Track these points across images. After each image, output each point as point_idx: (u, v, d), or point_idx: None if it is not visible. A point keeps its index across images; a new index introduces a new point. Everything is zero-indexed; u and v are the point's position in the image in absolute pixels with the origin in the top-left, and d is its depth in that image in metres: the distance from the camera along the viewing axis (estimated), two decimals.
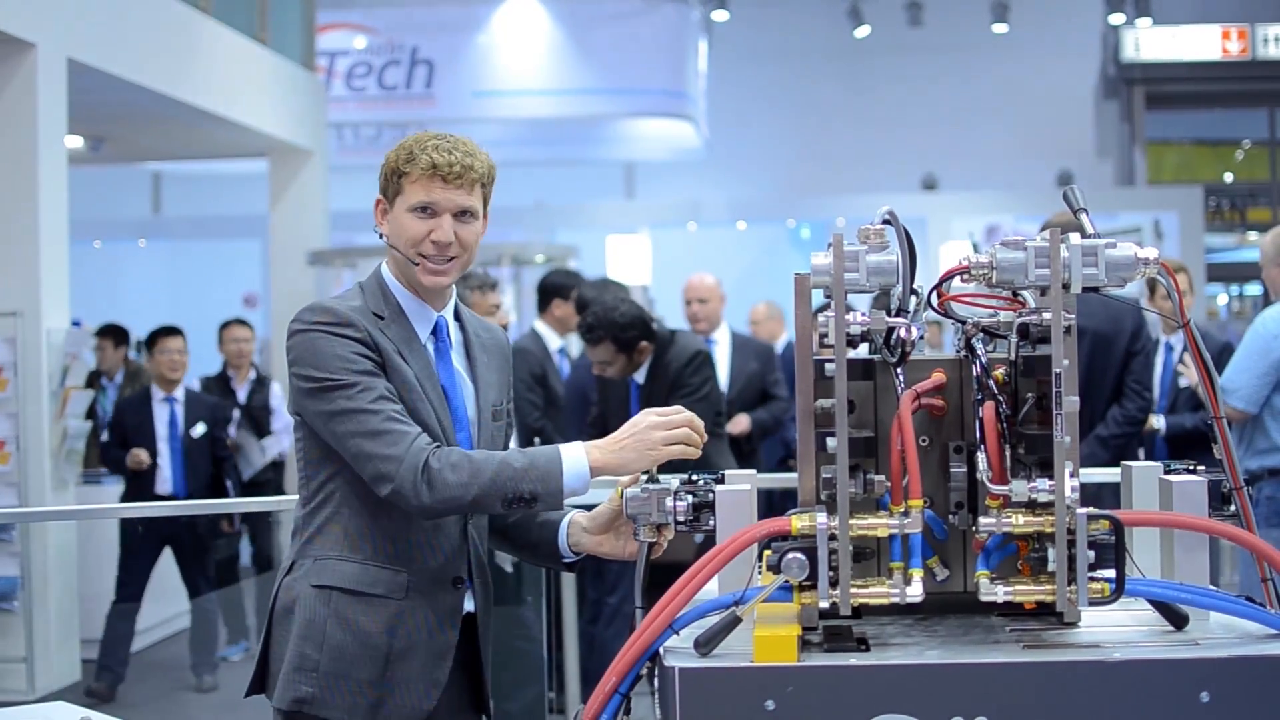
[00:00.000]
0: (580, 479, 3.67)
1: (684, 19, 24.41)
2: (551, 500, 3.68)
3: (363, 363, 3.82)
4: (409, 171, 3.95)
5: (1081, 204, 3.22)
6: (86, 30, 12.03)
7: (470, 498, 3.67)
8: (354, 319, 3.88)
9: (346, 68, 23.85)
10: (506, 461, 3.68)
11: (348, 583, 3.90)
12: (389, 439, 3.72)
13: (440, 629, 3.96)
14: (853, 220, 20.94)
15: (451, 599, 3.98)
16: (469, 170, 3.95)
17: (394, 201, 4.02)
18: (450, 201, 3.94)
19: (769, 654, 2.82)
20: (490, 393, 4.14)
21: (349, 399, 3.78)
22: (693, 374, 7.88)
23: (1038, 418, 3.01)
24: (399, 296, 4.04)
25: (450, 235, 3.93)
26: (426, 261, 3.96)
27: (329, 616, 3.89)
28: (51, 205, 11.17)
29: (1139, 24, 27.13)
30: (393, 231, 4.02)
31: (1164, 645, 2.92)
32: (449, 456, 3.70)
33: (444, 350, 4.07)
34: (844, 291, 2.95)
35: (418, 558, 3.93)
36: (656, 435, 3.64)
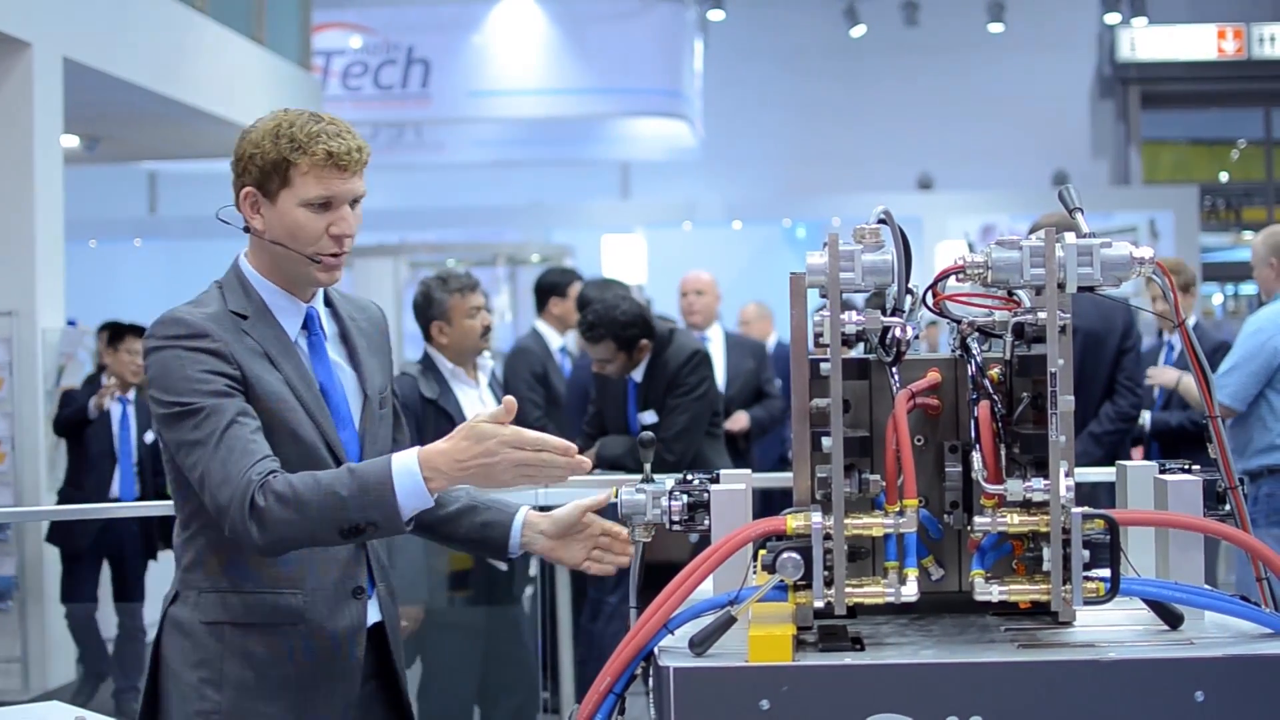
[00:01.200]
0: (418, 497, 3.37)
1: (679, 18, 24.43)
2: (393, 527, 3.41)
3: (214, 382, 3.52)
4: (298, 162, 3.61)
5: (1077, 203, 3.22)
6: (82, 29, 12.03)
7: (304, 534, 3.40)
8: (208, 329, 3.58)
9: (342, 67, 23.88)
10: (333, 489, 3.36)
11: (239, 616, 3.64)
12: (224, 473, 3.42)
13: (347, 646, 3.72)
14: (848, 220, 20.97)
15: (354, 613, 3.74)
16: (362, 154, 3.68)
17: (277, 196, 3.66)
18: (350, 191, 3.67)
19: (764, 653, 2.82)
20: (374, 380, 3.87)
21: (195, 426, 3.48)
22: (690, 373, 7.89)
23: (1033, 417, 3.01)
24: (263, 292, 3.73)
25: (353, 227, 3.70)
26: (327, 259, 3.68)
27: (225, 652, 3.64)
28: (47, 205, 11.17)
29: (1135, 23, 27.15)
30: (277, 227, 3.66)
31: (1159, 645, 2.92)
32: (275, 488, 3.37)
33: (318, 344, 3.80)
34: (839, 291, 2.95)
35: (309, 575, 3.66)
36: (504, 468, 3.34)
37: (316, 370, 3.75)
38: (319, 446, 3.64)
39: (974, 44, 27.39)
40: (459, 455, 3.34)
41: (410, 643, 7.18)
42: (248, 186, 3.70)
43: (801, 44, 27.91)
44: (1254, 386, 7.89)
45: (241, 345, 3.61)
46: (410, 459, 3.36)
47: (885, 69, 27.78)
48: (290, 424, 3.60)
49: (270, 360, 3.63)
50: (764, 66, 27.82)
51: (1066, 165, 27.13)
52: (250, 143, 3.70)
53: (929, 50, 27.36)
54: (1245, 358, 7.94)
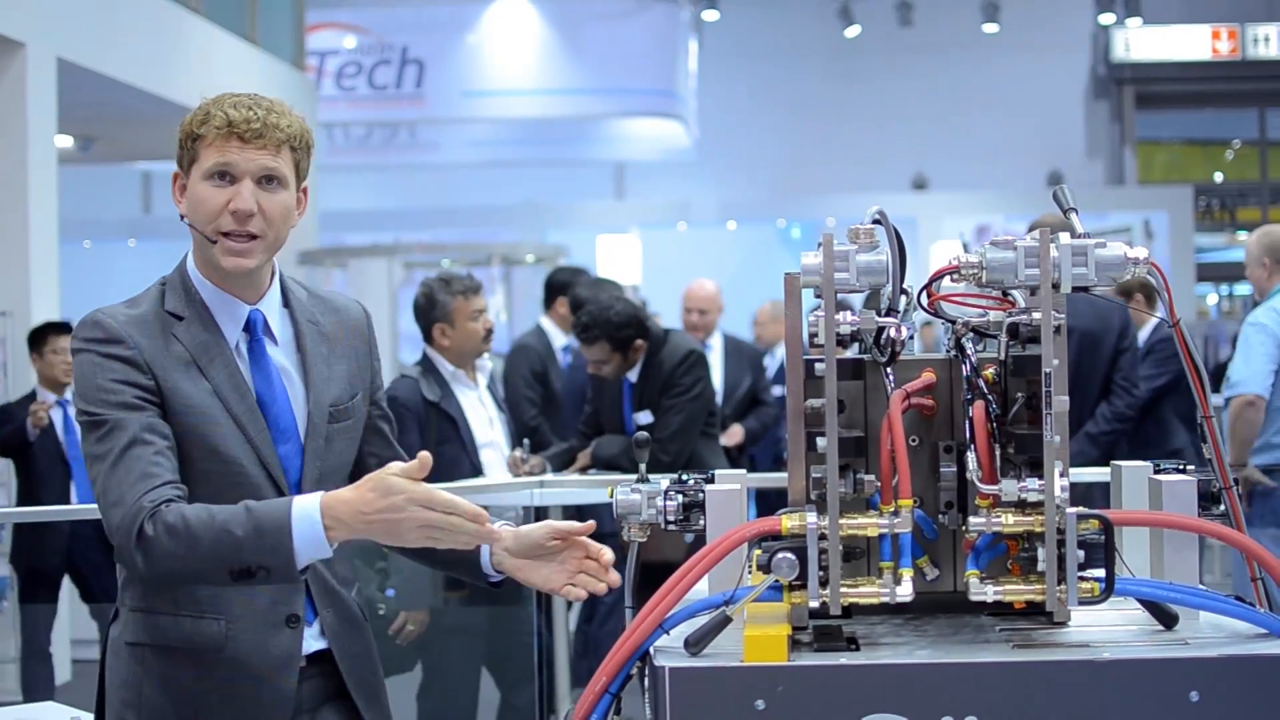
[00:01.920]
0: (316, 546, 3.14)
1: (674, 19, 24.44)
2: (285, 574, 3.18)
3: (123, 393, 3.31)
4: (204, 134, 3.42)
5: (1071, 204, 3.22)
6: (76, 29, 12.03)
7: (190, 570, 3.19)
8: (123, 334, 3.37)
9: (336, 67, 23.88)
10: (227, 528, 3.14)
11: (159, 638, 3.44)
12: (119, 493, 3.21)
13: (274, 678, 3.46)
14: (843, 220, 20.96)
15: (285, 642, 3.48)
16: (272, 128, 3.44)
17: (190, 171, 3.46)
18: (250, 163, 3.40)
19: (759, 653, 2.82)
20: (329, 390, 3.58)
21: (99, 440, 3.28)
22: (685, 374, 7.89)
23: (1027, 417, 3.01)
24: (202, 291, 3.49)
25: (251, 203, 3.37)
26: (226, 239, 3.40)
27: (144, 676, 3.45)
28: (41, 205, 11.16)
29: (1129, 24, 27.18)
30: (190, 207, 3.46)
31: (1154, 645, 2.93)
32: (166, 519, 3.15)
33: (258, 350, 3.52)
34: (834, 291, 2.95)
35: (233, 600, 3.41)
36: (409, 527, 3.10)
37: (255, 378, 3.50)
38: (245, 462, 3.42)
39: (968, 44, 27.41)
40: (363, 507, 3.11)
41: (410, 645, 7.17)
42: (176, 170, 3.55)
43: (796, 44, 27.92)
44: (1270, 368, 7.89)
45: (165, 351, 3.40)
46: (312, 505, 3.15)
47: (880, 69, 27.79)
48: (210, 439, 3.39)
49: (199, 367, 3.41)
50: (759, 66, 27.83)
51: (1061, 165, 27.16)
52: (181, 123, 3.54)
53: (924, 50, 27.37)
54: (1254, 346, 7.94)
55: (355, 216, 24.65)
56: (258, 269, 3.48)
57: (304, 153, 3.55)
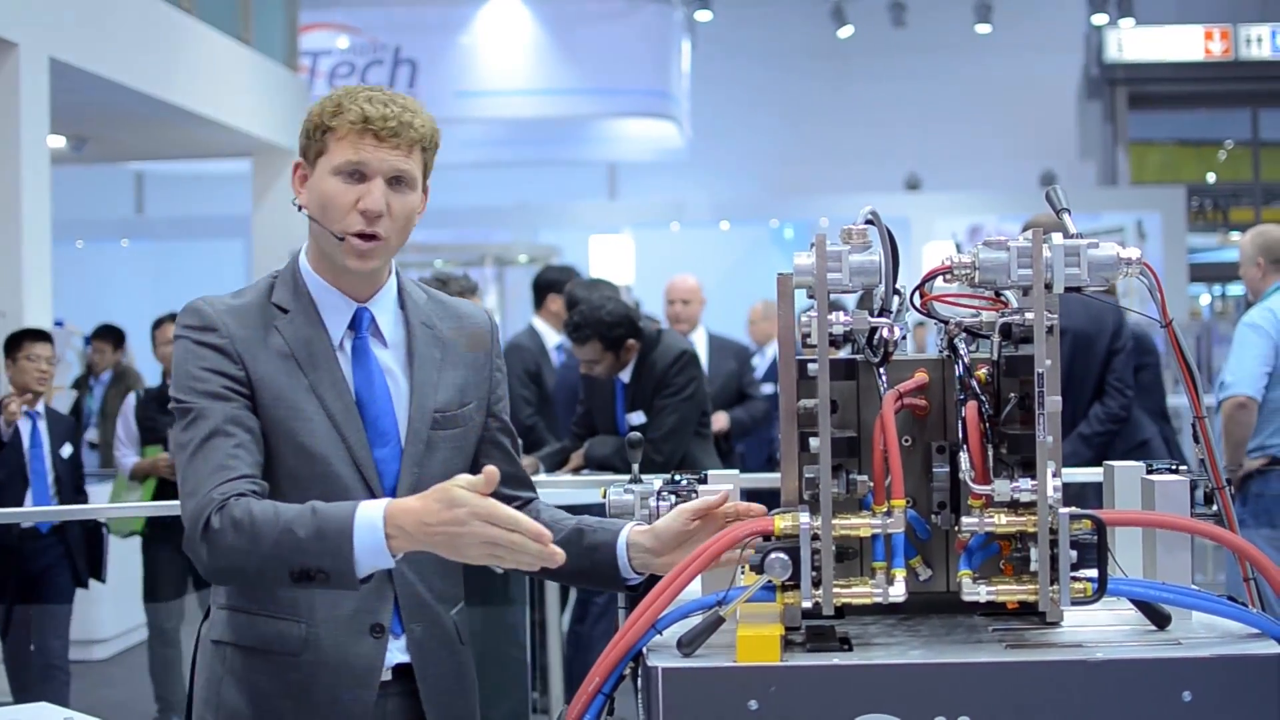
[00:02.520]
0: (376, 554, 3.04)
1: (667, 19, 24.44)
2: (344, 580, 3.07)
3: (211, 382, 3.26)
4: (335, 126, 3.33)
5: (1064, 204, 3.22)
6: (69, 30, 12.02)
7: (252, 568, 3.12)
8: (218, 322, 3.33)
9: (330, 67, 23.86)
10: (290, 528, 3.07)
11: (240, 638, 3.39)
12: (194, 484, 3.18)
13: (353, 687, 3.38)
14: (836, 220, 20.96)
15: (368, 652, 3.39)
16: (407, 127, 3.35)
17: (315, 163, 3.39)
18: (383, 162, 3.32)
19: (752, 654, 2.82)
20: (436, 395, 3.48)
21: (184, 428, 3.25)
22: (678, 373, 7.89)
23: (1020, 417, 3.01)
24: (312, 287, 3.44)
25: (381, 204, 3.31)
26: (353, 239, 3.33)
27: (224, 675, 3.39)
28: (34, 205, 11.16)
29: (1122, 24, 27.21)
30: (313, 199, 3.40)
31: (1146, 645, 2.93)
32: (233, 513, 3.11)
33: (363, 349, 3.44)
34: (827, 292, 2.95)
35: (319, 604, 3.34)
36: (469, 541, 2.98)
37: (356, 378, 3.41)
38: (336, 461, 3.35)
39: (961, 45, 27.43)
40: (426, 517, 2.99)
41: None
42: (297, 159, 3.46)
43: (789, 45, 27.93)
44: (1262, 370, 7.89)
45: (263, 343, 3.34)
46: (375, 512, 3.05)
47: (873, 70, 27.81)
48: (299, 435, 3.32)
49: (297, 362, 3.34)
50: (751, 67, 27.84)
51: (1054, 166, 27.17)
52: (309, 112, 3.43)
53: (916, 51, 27.39)
54: (1246, 347, 7.94)
55: None
56: (378, 269, 3.44)
57: (432, 153, 3.49)
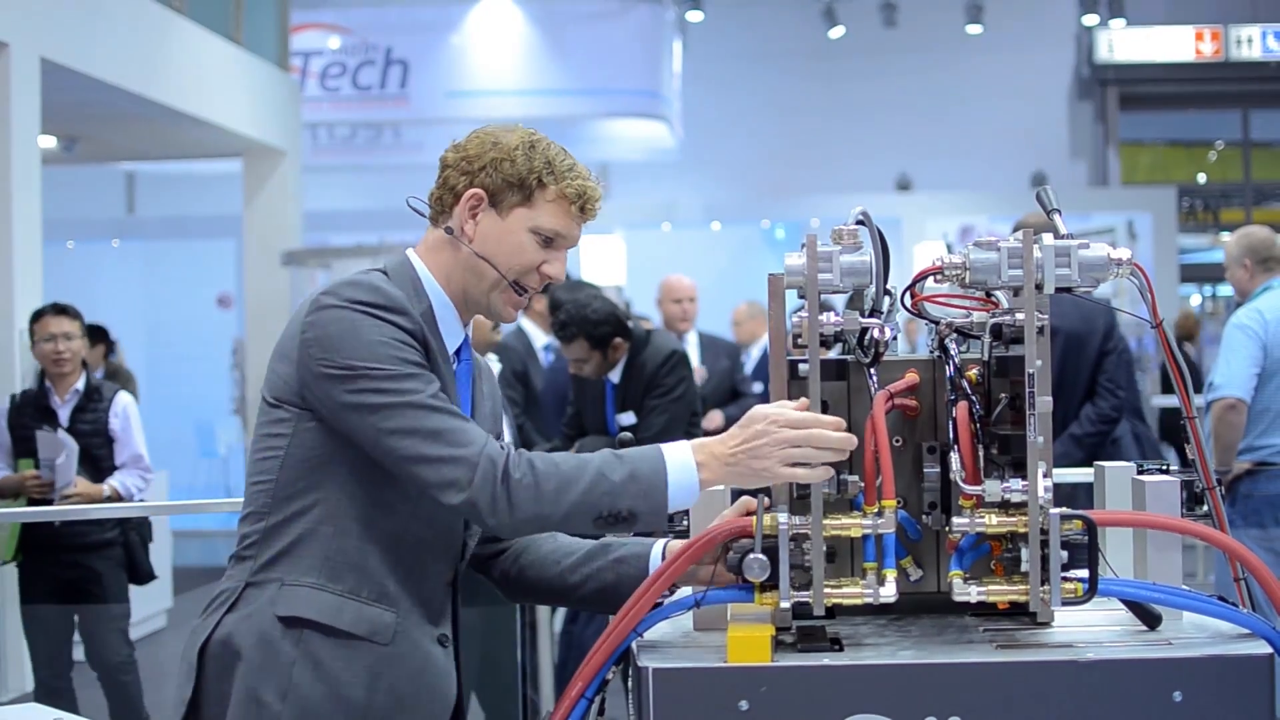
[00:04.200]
0: (688, 493, 3.10)
1: (658, 19, 24.42)
2: (653, 520, 3.10)
3: (414, 354, 3.23)
4: (548, 185, 3.39)
5: (1055, 205, 3.23)
6: (60, 29, 12.01)
7: (561, 514, 3.11)
8: (407, 306, 3.28)
9: (321, 68, 23.82)
10: (602, 473, 3.09)
11: (326, 616, 3.24)
12: (455, 438, 3.14)
13: (434, 689, 3.38)
14: (827, 221, 20.96)
15: (441, 660, 3.40)
16: (599, 207, 3.50)
17: (510, 210, 3.40)
18: (576, 239, 3.47)
19: (742, 654, 2.82)
20: (484, 425, 3.47)
21: (401, 393, 3.16)
22: (668, 374, 7.88)
23: (1011, 418, 3.01)
24: (433, 298, 3.42)
25: (562, 272, 3.44)
26: (517, 295, 3.42)
27: (299, 658, 3.23)
28: (25, 205, 11.15)
29: (1113, 25, 27.20)
30: (491, 240, 3.40)
31: (1137, 645, 2.93)
32: (530, 463, 3.12)
33: (464, 374, 3.50)
34: (817, 292, 2.95)
35: (403, 598, 3.32)
36: (771, 448, 3.00)
37: (459, 396, 3.44)
38: None
39: (952, 45, 27.42)
40: (728, 439, 3.07)
41: None
42: (478, 189, 3.41)
43: (780, 45, 27.91)
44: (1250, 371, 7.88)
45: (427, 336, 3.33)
46: (684, 449, 3.12)
47: (864, 70, 27.79)
48: None
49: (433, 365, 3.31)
50: (743, 67, 27.82)
51: (1045, 166, 27.17)
52: (500, 148, 3.44)
53: (907, 51, 27.38)
54: (1235, 349, 7.94)
55: (339, 217, 24.61)
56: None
57: None
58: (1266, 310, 7.96)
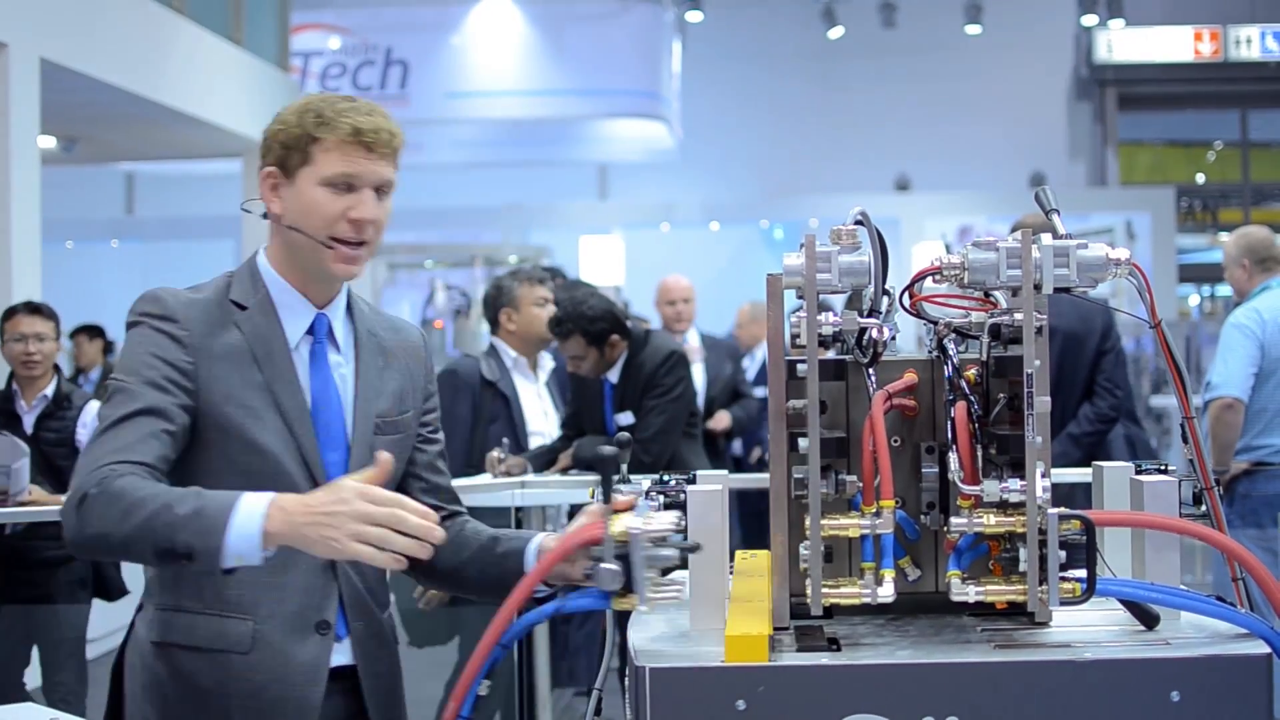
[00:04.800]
0: (249, 543, 3.00)
1: (658, 20, 24.44)
2: (208, 562, 3.02)
3: (155, 370, 3.27)
4: (322, 137, 3.37)
5: (1053, 205, 3.23)
6: (59, 30, 12.00)
7: (119, 538, 3.05)
8: (179, 315, 3.36)
9: (321, 68, 23.86)
10: (170, 504, 3.04)
11: (186, 638, 3.37)
12: (93, 457, 3.16)
13: (301, 686, 3.38)
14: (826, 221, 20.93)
15: (313, 650, 3.40)
16: (394, 138, 3.44)
17: (297, 173, 3.42)
18: (374, 174, 3.41)
19: (740, 654, 2.82)
20: (376, 402, 3.54)
21: (109, 406, 3.24)
22: (666, 374, 7.88)
23: (1009, 418, 3.01)
24: (271, 287, 3.49)
25: (373, 212, 3.41)
26: (341, 246, 3.41)
27: (167, 677, 3.37)
28: (24, 205, 11.14)
29: (1111, 25, 27.23)
30: (295, 209, 3.43)
31: (1135, 645, 2.93)
32: (112, 485, 3.08)
33: (320, 353, 3.50)
34: (816, 292, 2.95)
35: (262, 602, 3.36)
36: (349, 523, 2.94)
37: (312, 381, 3.47)
38: (286, 459, 3.38)
39: (951, 46, 27.44)
40: (310, 500, 3.01)
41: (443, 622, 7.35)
42: (270, 166, 3.46)
43: (779, 45, 27.93)
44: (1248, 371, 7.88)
45: (218, 339, 3.37)
46: (263, 499, 3.04)
47: (863, 71, 27.82)
48: (250, 431, 3.35)
49: (255, 359, 3.39)
50: (742, 68, 27.85)
51: (1044, 167, 27.20)
52: (277, 120, 3.46)
53: (906, 52, 27.40)
54: (1233, 349, 7.94)
55: None
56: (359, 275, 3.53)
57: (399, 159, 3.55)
58: (1264, 310, 7.97)
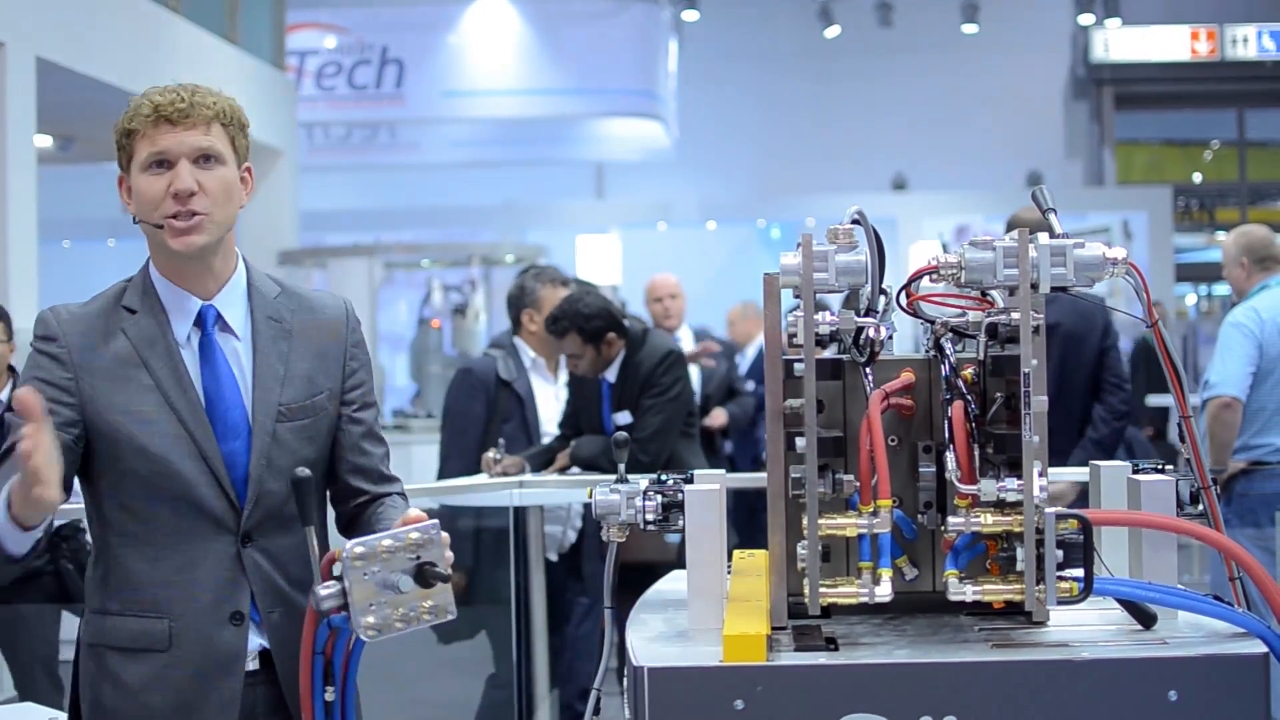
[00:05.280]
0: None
1: (654, 19, 24.44)
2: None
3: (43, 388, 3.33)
4: (135, 128, 3.44)
5: (1050, 204, 3.23)
6: (55, 29, 12.00)
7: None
8: (59, 331, 3.46)
9: (316, 67, 23.83)
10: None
11: (109, 639, 3.46)
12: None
13: (220, 677, 3.44)
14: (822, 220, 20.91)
15: (230, 640, 3.45)
16: (199, 106, 3.45)
17: (130, 170, 3.48)
18: (183, 144, 3.42)
19: (738, 653, 2.82)
20: (282, 388, 3.54)
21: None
22: (664, 373, 7.87)
23: (1006, 417, 3.02)
24: (158, 287, 3.53)
25: (189, 182, 3.39)
26: (172, 221, 3.41)
27: (100, 677, 3.47)
28: (20, 205, 11.14)
29: (1108, 24, 27.24)
30: (135, 201, 3.49)
31: (1132, 644, 2.93)
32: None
33: (208, 344, 3.51)
34: (813, 291, 2.95)
35: (175, 599, 3.42)
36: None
37: (203, 373, 3.49)
38: (178, 458, 3.42)
39: (948, 45, 27.44)
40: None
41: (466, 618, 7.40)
42: (120, 173, 3.55)
43: (776, 45, 27.94)
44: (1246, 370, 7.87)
45: (102, 349, 3.45)
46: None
47: (859, 70, 27.82)
48: (137, 438, 3.40)
49: (143, 360, 3.44)
50: (738, 67, 27.84)
51: (1040, 166, 27.19)
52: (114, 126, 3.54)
53: (903, 51, 27.40)
54: (1231, 348, 7.93)
55: (335, 216, 24.62)
56: (208, 249, 3.49)
57: (238, 129, 3.57)
58: (1263, 309, 7.96)
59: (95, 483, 3.47)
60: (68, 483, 3.32)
